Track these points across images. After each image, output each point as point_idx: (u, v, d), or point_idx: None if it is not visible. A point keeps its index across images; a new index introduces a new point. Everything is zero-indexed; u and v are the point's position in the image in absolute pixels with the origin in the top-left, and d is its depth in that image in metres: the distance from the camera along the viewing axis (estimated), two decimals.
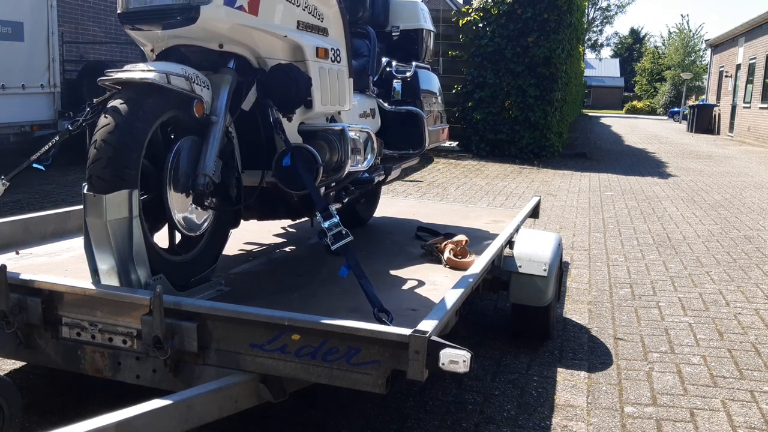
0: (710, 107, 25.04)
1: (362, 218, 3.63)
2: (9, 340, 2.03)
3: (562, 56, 11.52)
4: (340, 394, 2.44)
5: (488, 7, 11.58)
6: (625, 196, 8.21)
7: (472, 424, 2.34)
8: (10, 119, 7.18)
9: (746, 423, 2.46)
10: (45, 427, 1.98)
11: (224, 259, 2.62)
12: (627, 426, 2.40)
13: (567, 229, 6.03)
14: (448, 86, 11.65)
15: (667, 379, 2.82)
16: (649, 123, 33.26)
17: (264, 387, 1.87)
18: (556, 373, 2.84)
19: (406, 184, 8.21)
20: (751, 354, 3.15)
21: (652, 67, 55.10)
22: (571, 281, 4.31)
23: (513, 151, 11.75)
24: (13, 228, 2.80)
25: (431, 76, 3.59)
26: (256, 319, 1.80)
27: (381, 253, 2.98)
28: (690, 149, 16.62)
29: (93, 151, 1.88)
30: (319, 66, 2.38)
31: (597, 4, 66.24)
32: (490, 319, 3.51)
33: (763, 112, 19.18)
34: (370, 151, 2.71)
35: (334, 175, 2.46)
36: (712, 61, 27.97)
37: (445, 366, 1.65)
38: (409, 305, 2.23)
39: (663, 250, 5.30)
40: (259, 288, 2.38)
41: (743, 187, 9.47)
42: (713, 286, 4.30)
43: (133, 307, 1.86)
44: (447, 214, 4.05)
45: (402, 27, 3.41)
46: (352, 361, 1.74)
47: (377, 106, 3.18)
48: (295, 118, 2.38)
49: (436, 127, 3.53)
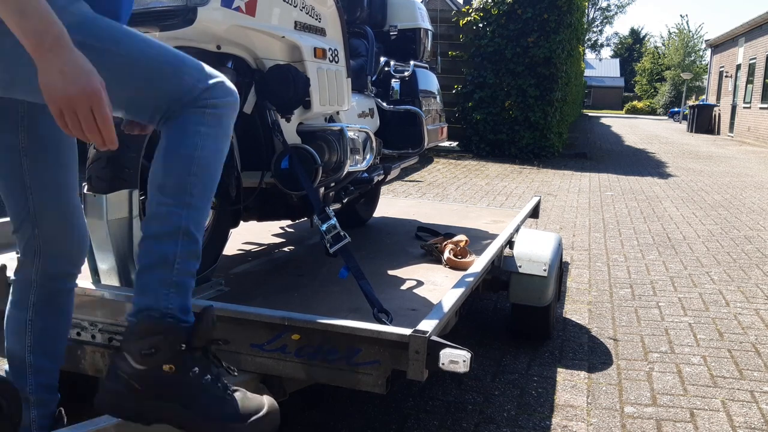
0: (710, 107, 25.05)
1: (362, 218, 3.63)
2: None
3: (562, 56, 11.52)
4: (340, 394, 2.44)
5: (488, 7, 11.58)
6: (625, 196, 8.21)
7: (472, 424, 2.34)
8: None
9: (746, 423, 2.46)
10: None
11: (224, 259, 2.62)
12: (627, 426, 2.40)
13: (567, 229, 6.03)
14: (448, 86, 11.66)
15: (667, 379, 2.82)
16: (649, 123, 33.27)
17: (264, 387, 1.87)
18: (556, 373, 2.84)
19: (406, 184, 8.21)
20: (751, 354, 3.15)
21: (652, 68, 55.14)
22: (571, 281, 4.31)
23: (513, 152, 11.75)
24: None
25: (429, 75, 3.59)
26: (256, 319, 1.80)
27: (381, 253, 2.98)
28: (690, 149, 16.63)
29: (93, 151, 1.88)
30: (317, 66, 2.38)
31: (597, 4, 66.29)
32: (490, 319, 3.51)
33: (763, 113, 19.19)
34: (369, 151, 2.71)
35: (333, 175, 2.45)
36: (712, 61, 27.98)
37: (445, 366, 1.65)
38: (409, 305, 2.23)
39: (663, 250, 5.30)
40: (259, 288, 2.38)
41: (743, 187, 9.47)
42: (713, 286, 4.30)
43: (126, 306, 1.86)
44: (447, 214, 4.05)
45: (400, 26, 3.41)
46: (352, 361, 1.74)
47: (376, 105, 3.18)
48: (294, 119, 2.38)
49: (434, 126, 3.53)
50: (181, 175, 1.40)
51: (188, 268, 1.42)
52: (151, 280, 1.39)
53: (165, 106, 1.39)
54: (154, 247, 1.40)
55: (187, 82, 1.39)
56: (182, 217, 1.40)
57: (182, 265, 1.40)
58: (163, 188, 1.40)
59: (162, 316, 1.38)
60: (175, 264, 1.39)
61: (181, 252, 1.40)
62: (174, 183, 1.40)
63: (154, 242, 1.40)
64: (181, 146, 1.39)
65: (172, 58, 1.40)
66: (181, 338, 1.38)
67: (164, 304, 1.38)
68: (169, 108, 1.39)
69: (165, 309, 1.38)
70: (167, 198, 1.40)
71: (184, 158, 1.40)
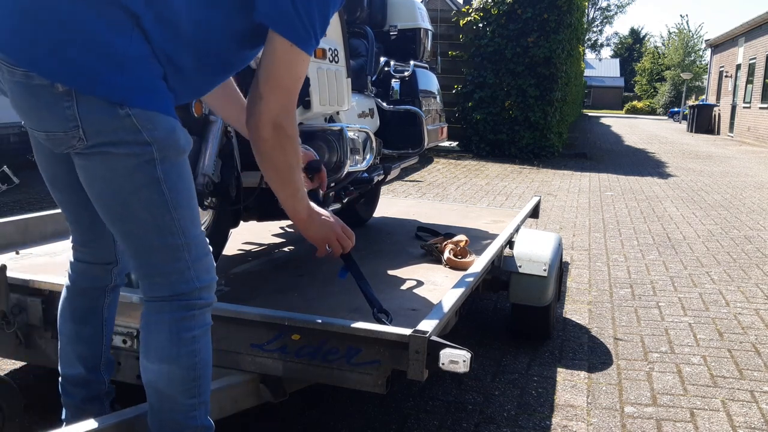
0: (710, 107, 25.04)
1: (362, 218, 3.63)
2: (9, 340, 2.03)
3: (562, 56, 11.52)
4: (340, 394, 2.44)
5: (488, 7, 11.58)
6: (625, 196, 8.21)
7: (472, 424, 2.34)
8: (10, 119, 7.18)
9: (746, 423, 2.46)
10: (45, 427, 1.98)
11: (224, 259, 2.62)
12: (627, 426, 2.40)
13: (567, 229, 6.03)
14: (448, 86, 11.66)
15: (667, 379, 2.82)
16: (649, 123, 33.27)
17: (264, 387, 1.87)
18: (556, 373, 2.84)
19: (406, 184, 8.21)
20: (751, 354, 3.15)
21: (652, 67, 55.14)
22: (571, 281, 4.31)
23: (513, 151, 11.75)
24: (13, 228, 2.80)
25: (429, 75, 3.59)
26: (256, 319, 1.80)
27: (381, 253, 2.98)
28: (690, 149, 16.63)
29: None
30: (317, 66, 2.38)
31: (597, 4, 66.28)
32: (490, 319, 3.51)
33: (763, 112, 19.18)
34: (369, 151, 2.71)
35: (333, 175, 2.45)
36: (712, 61, 27.97)
37: (445, 366, 1.65)
38: (409, 305, 2.23)
39: (663, 250, 5.30)
40: (259, 288, 2.38)
41: (743, 187, 9.47)
42: (713, 286, 4.30)
43: (132, 307, 1.86)
44: (447, 214, 4.05)
45: (400, 26, 3.40)
46: (353, 362, 1.74)
47: (376, 105, 3.18)
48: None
49: (434, 126, 3.53)
50: (185, 381, 1.47)
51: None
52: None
53: (155, 270, 1.43)
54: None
55: (188, 274, 1.44)
56: (197, 418, 1.50)
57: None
58: (170, 397, 1.48)
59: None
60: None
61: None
62: (181, 392, 1.47)
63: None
64: (180, 357, 1.45)
65: (199, 241, 1.45)
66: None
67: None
68: (154, 275, 1.44)
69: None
70: (177, 406, 1.48)
71: (185, 368, 1.46)
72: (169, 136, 1.34)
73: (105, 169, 1.32)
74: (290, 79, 1.41)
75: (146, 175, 1.33)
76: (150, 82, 1.31)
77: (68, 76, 1.25)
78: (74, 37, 1.24)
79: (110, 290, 1.71)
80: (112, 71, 1.26)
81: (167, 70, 1.35)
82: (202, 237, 1.46)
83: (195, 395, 1.48)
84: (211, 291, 1.49)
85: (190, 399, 1.47)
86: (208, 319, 1.50)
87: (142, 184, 1.33)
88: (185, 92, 1.46)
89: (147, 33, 1.29)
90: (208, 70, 1.47)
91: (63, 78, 1.25)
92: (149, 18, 1.29)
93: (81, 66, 1.24)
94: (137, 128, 1.29)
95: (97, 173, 1.34)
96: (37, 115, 1.31)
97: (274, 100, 1.40)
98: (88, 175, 1.35)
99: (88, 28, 1.24)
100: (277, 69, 1.39)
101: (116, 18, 1.26)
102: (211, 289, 1.49)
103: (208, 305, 1.49)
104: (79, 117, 1.27)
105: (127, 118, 1.28)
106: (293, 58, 1.39)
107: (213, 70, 1.49)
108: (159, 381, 1.46)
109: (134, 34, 1.28)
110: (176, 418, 1.48)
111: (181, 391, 1.46)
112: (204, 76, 1.49)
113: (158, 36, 1.31)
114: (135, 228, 1.38)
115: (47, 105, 1.27)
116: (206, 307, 1.48)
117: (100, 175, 1.33)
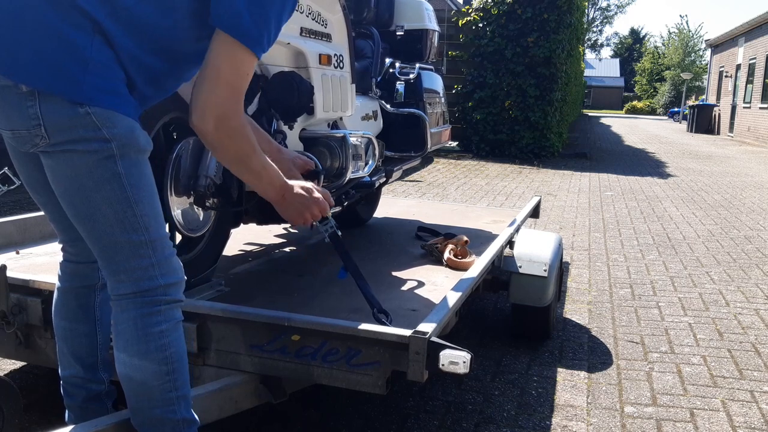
0: (710, 107, 25.04)
1: (362, 218, 3.63)
2: (9, 340, 2.03)
3: (562, 56, 11.52)
4: (340, 394, 2.44)
5: (488, 7, 11.58)
6: (625, 196, 8.21)
7: (472, 424, 2.34)
8: None
9: (746, 423, 2.46)
10: (45, 427, 1.99)
11: (224, 259, 2.62)
12: (627, 426, 2.40)
13: (567, 229, 6.03)
14: (448, 86, 11.63)
15: (667, 379, 2.82)
16: (649, 123, 33.27)
17: (264, 387, 1.87)
18: (556, 373, 2.84)
19: (406, 185, 8.22)
20: (751, 354, 3.15)
21: (652, 67, 55.12)
22: (571, 281, 4.31)
23: (513, 151, 11.75)
24: (13, 228, 2.80)
25: (435, 77, 3.57)
26: (256, 319, 1.80)
27: (381, 253, 2.98)
28: (690, 149, 16.63)
29: None
30: (322, 73, 2.37)
31: (597, 4, 66.28)
32: (490, 319, 3.51)
33: (763, 112, 19.18)
34: (371, 156, 2.69)
35: (335, 181, 2.44)
36: (712, 61, 27.97)
37: (445, 367, 1.65)
38: (409, 306, 2.22)
39: (663, 250, 5.30)
40: (259, 288, 2.38)
41: (743, 187, 9.47)
42: (713, 286, 4.30)
43: None
44: (447, 214, 4.05)
45: (407, 27, 3.38)
46: (352, 362, 1.74)
47: (379, 107, 3.17)
48: (297, 125, 2.37)
49: (438, 129, 3.52)
50: (159, 376, 1.47)
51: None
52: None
53: (119, 267, 1.43)
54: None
55: (152, 271, 1.44)
56: (177, 412, 1.51)
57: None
58: (146, 393, 1.48)
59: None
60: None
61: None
62: (157, 386, 1.48)
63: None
64: (150, 352, 1.45)
65: (164, 241, 1.46)
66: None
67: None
68: (119, 272, 1.44)
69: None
70: (155, 402, 1.49)
71: (157, 363, 1.46)
72: (129, 134, 1.37)
73: (68, 167, 1.36)
74: (237, 76, 1.41)
75: (107, 170, 1.35)
76: (111, 85, 1.35)
77: (31, 77, 1.29)
78: (37, 39, 1.28)
79: (99, 289, 1.73)
80: (74, 72, 1.30)
81: (136, 73, 1.39)
82: (166, 238, 1.47)
83: (172, 389, 1.49)
84: (178, 289, 1.50)
85: (167, 393, 1.48)
86: (177, 315, 1.51)
87: (104, 179, 1.36)
88: (160, 90, 1.50)
89: (109, 38, 1.33)
90: (179, 66, 1.50)
91: (26, 79, 1.30)
92: (109, 23, 1.33)
93: (43, 67, 1.29)
94: (97, 125, 1.32)
95: (61, 172, 1.37)
96: (4, 114, 1.36)
97: (219, 94, 1.39)
98: (54, 175, 1.39)
99: (51, 31, 1.28)
100: (225, 66, 1.39)
101: (78, 21, 1.30)
102: (179, 288, 1.50)
103: (176, 302, 1.50)
104: (41, 115, 1.31)
105: (87, 116, 1.31)
106: (242, 57, 1.40)
107: (186, 65, 1.51)
108: (133, 377, 1.47)
109: (95, 38, 1.32)
110: (156, 414, 1.49)
111: (156, 386, 1.47)
112: (178, 72, 1.52)
113: (122, 40, 1.35)
114: (99, 225, 1.40)
115: (11, 104, 1.32)
116: (173, 303, 1.49)
117: (65, 174, 1.37)
